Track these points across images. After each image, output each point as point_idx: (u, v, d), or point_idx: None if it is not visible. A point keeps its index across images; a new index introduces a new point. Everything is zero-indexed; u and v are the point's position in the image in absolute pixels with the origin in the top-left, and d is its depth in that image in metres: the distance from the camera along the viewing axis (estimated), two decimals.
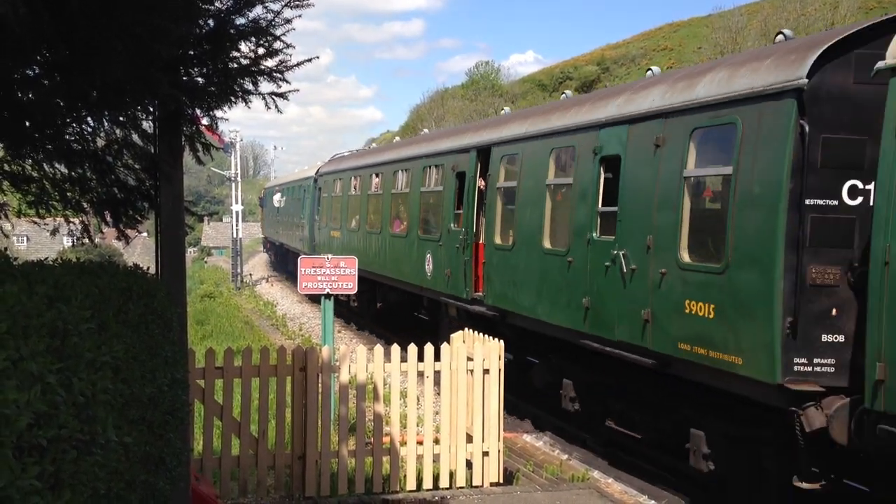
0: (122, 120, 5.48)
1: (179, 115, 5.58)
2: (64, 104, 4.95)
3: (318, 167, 29.04)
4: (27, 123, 5.03)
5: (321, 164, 29.39)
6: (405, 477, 8.38)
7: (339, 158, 27.18)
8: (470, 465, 8.58)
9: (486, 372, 8.58)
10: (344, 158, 26.34)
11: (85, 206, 5.99)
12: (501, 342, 8.78)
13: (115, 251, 48.93)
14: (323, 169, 27.38)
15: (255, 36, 5.41)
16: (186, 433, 5.92)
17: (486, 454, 8.57)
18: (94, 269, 4.15)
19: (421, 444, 8.51)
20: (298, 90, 5.89)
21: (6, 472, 1.99)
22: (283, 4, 5.37)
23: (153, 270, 5.78)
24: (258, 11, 5.40)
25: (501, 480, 8.65)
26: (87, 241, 6.62)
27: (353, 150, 31.10)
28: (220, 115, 5.74)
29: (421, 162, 16.44)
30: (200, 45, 5.28)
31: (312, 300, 27.22)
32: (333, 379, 8.47)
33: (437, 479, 8.45)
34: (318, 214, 27.09)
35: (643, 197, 8.84)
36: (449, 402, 8.60)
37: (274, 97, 5.72)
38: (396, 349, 8.47)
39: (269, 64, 5.53)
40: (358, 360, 8.28)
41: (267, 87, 5.64)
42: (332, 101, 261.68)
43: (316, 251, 26.32)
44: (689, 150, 8.22)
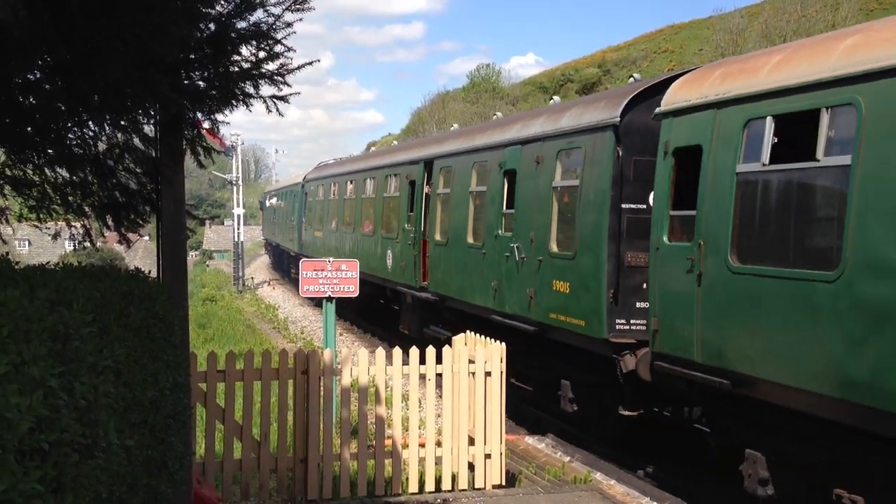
0: (123, 124, 5.48)
1: (180, 118, 5.58)
2: (65, 108, 4.96)
3: (305, 174, 32.26)
4: (28, 128, 5.04)
5: (308, 171, 32.49)
6: (407, 480, 8.39)
7: (323, 166, 30.49)
8: (472, 467, 8.58)
9: (487, 374, 8.59)
10: (328, 166, 29.40)
11: (86, 209, 6.01)
12: (503, 344, 8.79)
13: (116, 255, 49.01)
14: (309, 175, 30.70)
15: (256, 39, 5.40)
16: (188, 436, 5.92)
17: (488, 456, 8.56)
18: (95, 272, 4.16)
19: (423, 446, 8.50)
20: (299, 93, 5.89)
21: (8, 475, 2.00)
22: (284, 8, 5.36)
23: (155, 274, 5.78)
24: (259, 15, 5.40)
25: (504, 483, 8.65)
26: (88, 244, 6.64)
27: (337, 158, 33.48)
28: (221, 118, 5.74)
29: (384, 171, 19.39)
30: (201, 48, 5.28)
31: (314, 303, 27.30)
32: (335, 382, 8.46)
33: (439, 481, 8.45)
34: (304, 217, 30.10)
35: (529, 201, 11.41)
36: (451, 404, 8.60)
37: (275, 100, 5.71)
38: (398, 352, 8.47)
39: (270, 67, 5.52)
40: (360, 363, 8.28)
41: (268, 90, 5.64)
42: (332, 104, 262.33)
43: (303, 250, 29.31)
44: (556, 166, 10.88)
